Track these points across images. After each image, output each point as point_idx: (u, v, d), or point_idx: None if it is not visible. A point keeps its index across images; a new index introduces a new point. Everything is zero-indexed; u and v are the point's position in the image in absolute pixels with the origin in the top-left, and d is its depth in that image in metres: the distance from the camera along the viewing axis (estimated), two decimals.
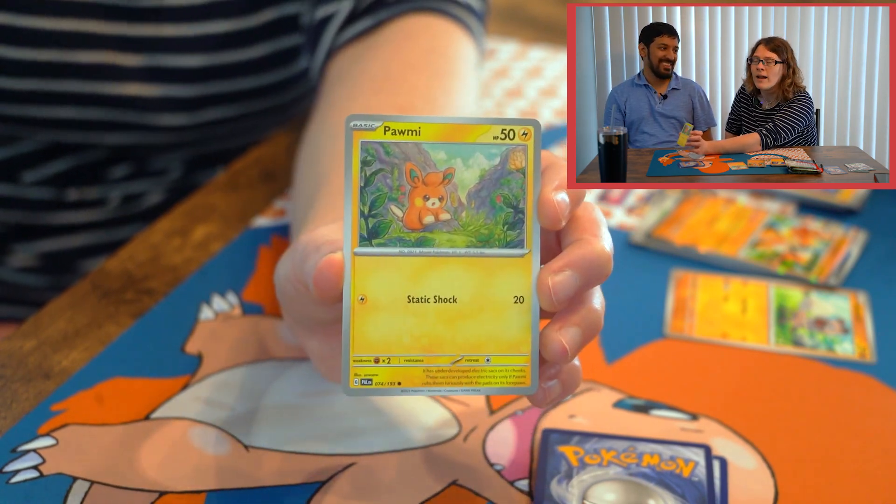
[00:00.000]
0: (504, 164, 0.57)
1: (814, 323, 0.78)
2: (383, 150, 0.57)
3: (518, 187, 0.57)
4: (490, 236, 0.57)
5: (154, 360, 0.72)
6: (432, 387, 0.57)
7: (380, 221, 0.57)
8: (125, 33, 0.92)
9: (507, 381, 0.57)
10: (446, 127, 0.57)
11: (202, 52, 0.94)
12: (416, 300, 0.57)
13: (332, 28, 0.88)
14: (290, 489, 0.63)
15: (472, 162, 0.57)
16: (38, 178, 0.99)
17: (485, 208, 0.57)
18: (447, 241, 0.57)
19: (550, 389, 0.58)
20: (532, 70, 1.14)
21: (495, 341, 0.57)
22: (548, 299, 0.56)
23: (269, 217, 0.87)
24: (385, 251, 0.57)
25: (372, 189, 0.57)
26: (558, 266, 0.56)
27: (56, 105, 0.94)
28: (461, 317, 0.57)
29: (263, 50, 0.96)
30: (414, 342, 0.57)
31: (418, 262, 0.57)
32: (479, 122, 0.57)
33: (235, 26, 0.94)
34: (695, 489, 0.63)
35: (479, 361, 0.57)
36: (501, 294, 0.57)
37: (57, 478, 0.63)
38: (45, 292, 1.02)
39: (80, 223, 1.02)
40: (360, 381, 0.57)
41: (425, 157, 0.57)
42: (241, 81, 0.96)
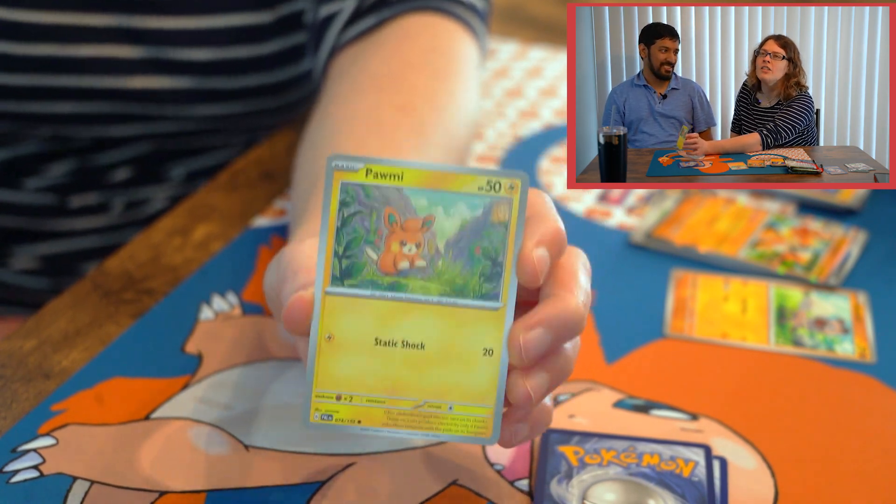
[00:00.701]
0: (487, 216, 0.56)
1: (814, 323, 0.78)
2: (363, 193, 0.56)
3: (499, 240, 0.56)
4: (465, 287, 0.56)
5: (154, 360, 0.72)
6: (392, 428, 0.57)
7: (353, 263, 0.56)
8: (128, 26, 0.92)
9: (468, 430, 0.57)
10: (430, 174, 0.56)
11: (211, 47, 0.93)
12: (383, 343, 0.56)
13: (336, 27, 0.88)
14: (290, 489, 0.63)
15: (453, 211, 0.56)
16: (40, 184, 0.99)
17: (462, 258, 0.56)
18: (421, 287, 0.56)
19: (517, 432, 0.58)
20: (532, 70, 1.14)
21: (460, 390, 0.57)
22: (517, 356, 0.56)
23: (269, 217, 0.87)
24: (356, 292, 0.56)
25: (348, 230, 0.56)
26: (531, 322, 0.55)
27: (57, 100, 0.94)
28: (427, 363, 0.57)
29: (274, 47, 0.95)
30: (377, 383, 0.57)
31: (389, 306, 0.56)
32: (465, 172, 0.56)
33: (247, 21, 0.94)
34: (695, 489, 0.63)
35: (441, 408, 0.57)
36: (471, 345, 0.56)
37: (57, 478, 0.63)
38: (46, 295, 1.02)
39: (83, 229, 1.02)
40: (321, 415, 0.57)
41: (406, 202, 0.56)
42: (249, 78, 0.96)
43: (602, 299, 0.79)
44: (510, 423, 0.58)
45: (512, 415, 0.58)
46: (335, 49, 0.88)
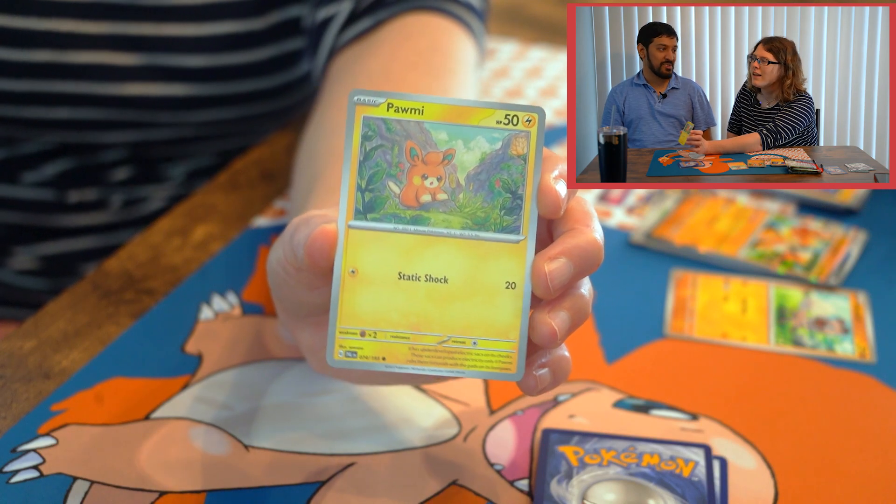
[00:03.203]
0: (506, 149, 0.57)
1: (814, 323, 0.78)
2: (385, 127, 0.56)
3: (518, 173, 0.57)
4: (486, 220, 0.57)
5: (154, 360, 0.72)
6: (417, 365, 0.57)
7: (376, 196, 0.57)
8: (124, 32, 0.92)
9: (493, 365, 0.57)
10: (450, 108, 0.57)
11: (206, 53, 0.94)
12: (406, 277, 0.57)
13: (333, 29, 0.88)
14: (290, 489, 0.63)
15: (473, 144, 0.57)
16: (38, 179, 0.99)
17: (483, 192, 0.57)
18: (443, 221, 0.57)
19: (541, 377, 0.58)
20: (532, 70, 1.14)
21: (484, 325, 0.57)
22: (543, 286, 0.56)
23: (269, 217, 0.87)
24: (379, 226, 0.57)
25: (371, 164, 0.56)
26: (554, 254, 0.56)
27: (53, 106, 0.94)
28: (451, 298, 0.57)
29: (267, 53, 0.96)
30: (402, 319, 0.57)
31: (412, 239, 0.57)
32: (483, 106, 0.57)
33: (240, 28, 0.94)
34: (695, 489, 0.63)
35: (465, 344, 0.57)
36: (493, 278, 0.57)
37: (57, 478, 0.63)
38: (45, 295, 1.02)
39: (82, 226, 1.02)
40: (345, 352, 0.57)
41: (426, 136, 0.57)
42: (243, 83, 0.96)
43: (602, 299, 0.79)
44: (533, 368, 0.58)
45: (535, 360, 0.58)
46: (333, 51, 0.88)
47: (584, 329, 0.76)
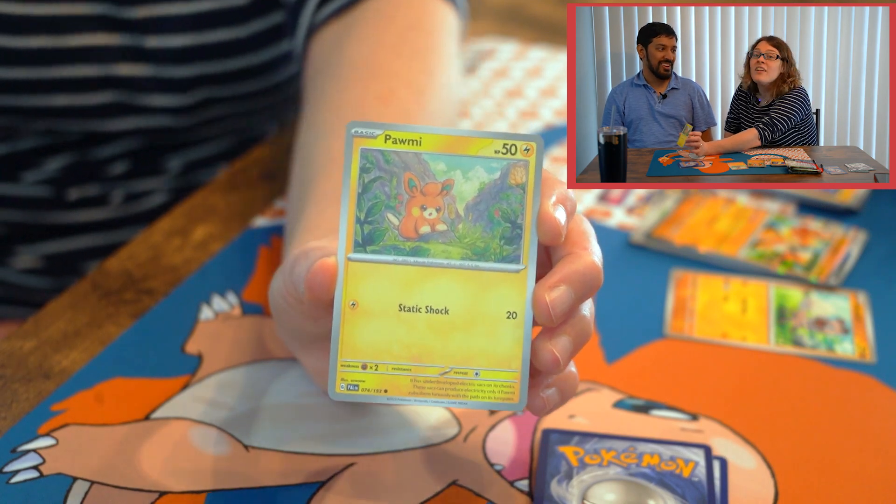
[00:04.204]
0: (504, 178, 0.57)
1: (814, 323, 0.78)
2: (383, 159, 0.57)
3: (517, 202, 0.57)
4: (486, 250, 0.57)
5: (154, 360, 0.72)
6: (419, 397, 0.57)
7: (375, 228, 0.57)
8: (112, 14, 0.92)
9: (496, 395, 0.57)
10: (448, 139, 0.57)
11: (191, 32, 0.93)
12: (407, 309, 0.57)
13: (310, 7, 0.88)
14: (290, 489, 0.63)
15: (471, 175, 0.57)
16: (38, 177, 0.99)
17: (482, 222, 0.57)
18: (442, 252, 0.57)
19: (549, 398, 0.58)
20: (532, 70, 1.14)
21: (485, 355, 0.57)
22: (546, 315, 0.56)
23: (269, 217, 0.87)
24: (379, 258, 0.57)
25: (369, 196, 0.57)
26: (553, 282, 0.56)
27: (51, 93, 0.94)
28: (452, 329, 0.57)
29: (252, 28, 0.95)
30: (403, 351, 0.57)
31: (412, 271, 0.57)
32: (482, 136, 0.57)
33: (223, 5, 0.94)
34: (695, 489, 0.63)
35: (467, 374, 0.57)
36: (494, 308, 0.57)
37: (57, 478, 0.63)
38: (48, 294, 1.02)
39: (83, 223, 1.02)
40: (347, 385, 0.57)
41: (424, 167, 0.57)
42: (231, 61, 0.96)
43: (602, 299, 0.79)
44: (540, 390, 0.58)
45: (540, 382, 0.58)
46: (312, 29, 0.87)
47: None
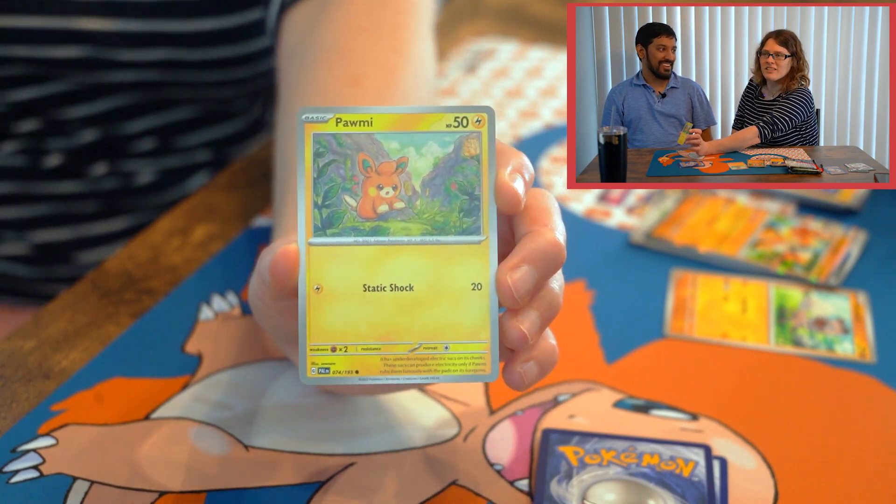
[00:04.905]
0: (458, 151, 0.57)
1: (814, 323, 0.78)
2: (336, 142, 0.57)
3: (473, 174, 0.57)
4: (445, 224, 0.57)
5: (154, 360, 0.72)
6: (390, 375, 0.57)
7: (334, 212, 0.57)
8: None
9: (467, 368, 0.57)
10: (398, 117, 0.57)
11: None
12: (372, 289, 0.57)
13: None
14: (290, 489, 0.63)
15: (425, 150, 0.57)
16: (13, 147, 0.98)
17: (440, 196, 0.57)
18: (402, 229, 0.57)
19: (527, 371, 0.58)
20: (532, 70, 1.14)
21: (454, 328, 0.57)
22: (510, 297, 0.56)
23: (269, 217, 0.87)
24: (340, 241, 0.57)
25: (325, 180, 0.57)
26: (514, 262, 0.56)
27: (13, 44, 0.93)
28: (418, 305, 0.57)
29: None
30: (371, 331, 0.57)
31: (374, 251, 0.57)
32: (432, 111, 0.57)
33: None
34: (695, 489, 0.63)
35: (437, 349, 0.57)
36: (459, 281, 0.57)
37: (57, 478, 0.63)
38: (37, 283, 1.01)
39: (63, 193, 1.01)
40: (318, 369, 0.57)
41: (378, 147, 0.57)
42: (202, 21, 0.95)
43: (602, 299, 0.79)
44: (517, 364, 0.58)
45: (517, 357, 0.58)
46: (285, 5, 0.87)
47: (583, 329, 0.76)
